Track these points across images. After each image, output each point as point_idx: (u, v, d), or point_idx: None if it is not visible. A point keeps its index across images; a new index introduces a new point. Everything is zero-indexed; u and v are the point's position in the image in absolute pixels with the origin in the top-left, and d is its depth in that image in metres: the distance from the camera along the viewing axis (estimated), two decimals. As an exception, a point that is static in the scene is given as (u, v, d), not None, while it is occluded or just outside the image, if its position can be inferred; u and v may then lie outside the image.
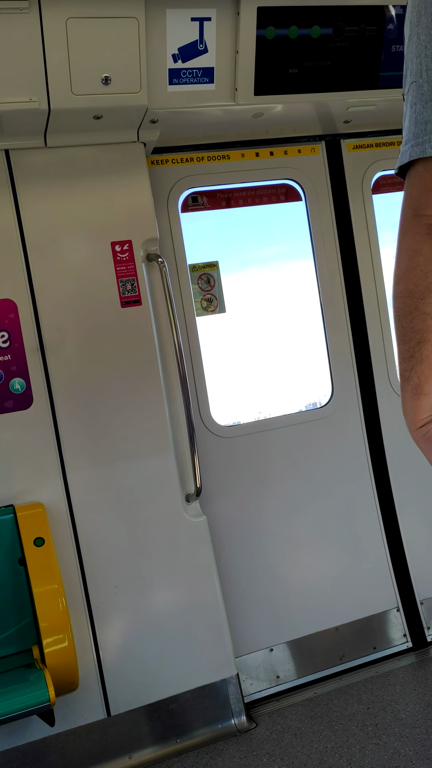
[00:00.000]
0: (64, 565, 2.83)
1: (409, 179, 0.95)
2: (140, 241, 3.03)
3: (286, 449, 3.48)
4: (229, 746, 2.93)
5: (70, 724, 2.85)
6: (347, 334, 3.58)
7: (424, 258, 0.94)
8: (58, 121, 2.74)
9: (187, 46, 2.74)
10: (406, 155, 0.94)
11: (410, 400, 1.02)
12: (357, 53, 2.96)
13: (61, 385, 2.92)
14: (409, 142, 0.94)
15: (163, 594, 3.05)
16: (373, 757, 2.68)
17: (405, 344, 0.99)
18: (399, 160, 0.96)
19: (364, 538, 3.56)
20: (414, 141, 0.93)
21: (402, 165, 0.96)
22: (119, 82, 2.65)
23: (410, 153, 0.93)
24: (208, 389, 3.34)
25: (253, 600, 3.35)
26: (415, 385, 1.00)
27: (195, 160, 3.36)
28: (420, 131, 0.92)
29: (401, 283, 0.97)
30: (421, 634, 3.55)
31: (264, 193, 3.58)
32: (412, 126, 0.94)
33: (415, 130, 0.93)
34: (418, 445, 1.07)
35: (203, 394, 3.33)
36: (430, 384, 0.99)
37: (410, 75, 0.95)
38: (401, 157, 0.95)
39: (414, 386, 1.00)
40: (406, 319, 0.98)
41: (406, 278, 0.97)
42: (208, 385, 3.34)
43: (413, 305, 0.96)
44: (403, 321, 0.98)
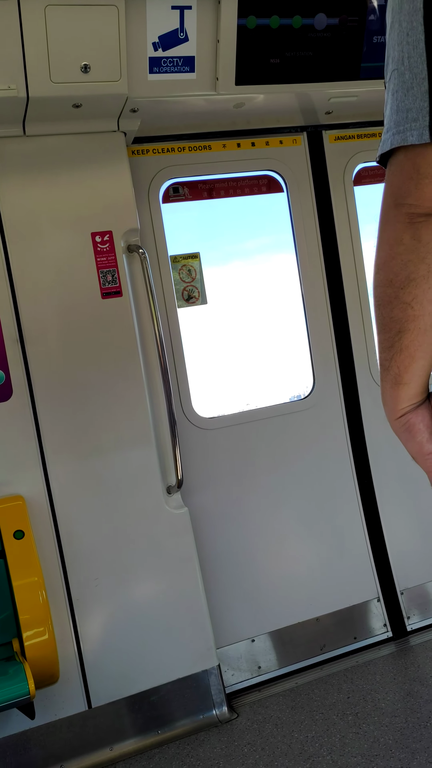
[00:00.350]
0: (44, 558, 2.81)
1: (390, 168, 0.94)
2: (121, 231, 3.01)
3: (268, 441, 3.48)
4: (211, 737, 2.94)
5: (51, 717, 2.84)
6: (328, 326, 3.58)
7: (404, 247, 0.93)
8: (36, 110, 2.70)
9: (167, 35, 2.72)
10: (387, 143, 0.93)
11: (390, 390, 1.02)
12: (338, 44, 2.95)
13: (41, 377, 2.90)
14: (391, 130, 0.93)
15: (145, 586, 3.05)
16: (353, 745, 2.71)
17: (385, 334, 0.99)
18: (380, 148, 0.95)
19: (345, 529, 3.57)
20: (395, 129, 0.92)
21: (383, 153, 0.95)
22: (99, 70, 2.62)
23: (391, 141, 0.92)
24: (190, 381, 3.33)
25: (234, 591, 3.35)
26: (395, 375, 1.00)
27: (176, 150, 3.33)
28: (401, 119, 0.91)
29: (381, 273, 0.97)
30: (401, 624, 3.58)
31: (246, 184, 3.57)
32: (394, 114, 0.93)
33: (397, 118, 0.92)
34: (397, 435, 1.08)
35: (184, 386, 3.32)
36: (410, 374, 0.99)
37: (392, 62, 0.95)
38: (382, 145, 0.95)
39: (394, 376, 1.00)
40: (386, 308, 0.97)
41: (386, 267, 0.96)
42: (189, 377, 3.34)
43: (393, 295, 0.96)
44: (383, 310, 0.98)
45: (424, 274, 0.93)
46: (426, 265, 0.92)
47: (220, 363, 3.73)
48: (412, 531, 3.69)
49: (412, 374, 1.00)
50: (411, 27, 0.90)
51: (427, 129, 0.88)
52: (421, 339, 0.97)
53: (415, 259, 0.93)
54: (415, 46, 0.90)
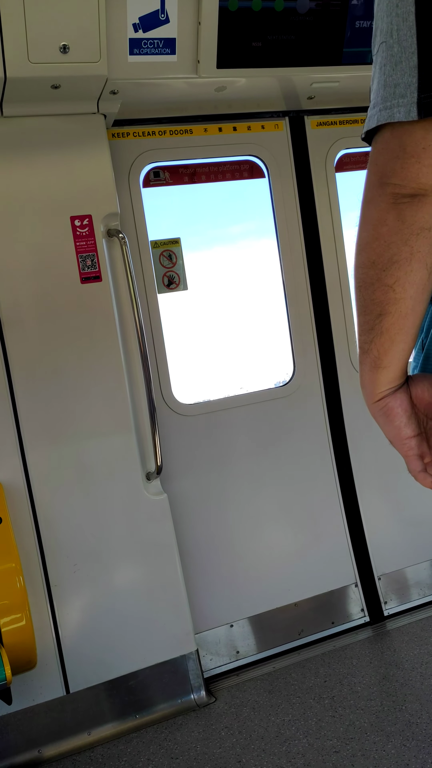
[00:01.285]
0: (22, 544, 2.80)
1: (375, 145, 0.91)
2: (100, 215, 2.97)
3: (247, 427, 3.48)
4: (189, 721, 2.96)
5: (29, 702, 2.84)
6: (309, 313, 3.58)
7: (387, 228, 0.91)
8: (14, 90, 2.66)
9: (148, 16, 2.68)
10: (373, 119, 0.90)
11: (369, 373, 1.01)
12: (321, 28, 2.93)
13: (19, 362, 2.87)
14: (377, 106, 0.90)
15: (123, 572, 3.05)
16: (329, 729, 2.74)
17: (365, 316, 0.97)
18: (366, 124, 0.92)
19: (324, 514, 3.60)
20: (382, 105, 0.89)
21: (369, 130, 0.92)
22: (78, 50, 2.58)
23: (378, 117, 0.89)
24: (170, 367, 3.32)
25: (213, 577, 3.37)
26: (374, 358, 0.99)
27: (157, 133, 3.30)
28: (389, 95, 0.88)
29: (363, 254, 0.95)
30: (379, 609, 3.62)
31: (227, 169, 3.54)
32: (381, 89, 0.90)
33: (384, 93, 0.89)
34: (375, 419, 1.07)
35: (164, 372, 3.31)
36: (390, 357, 0.98)
37: (380, 34, 0.91)
38: (368, 121, 0.92)
39: (373, 359, 0.99)
40: (368, 290, 0.95)
41: (368, 248, 0.94)
42: (169, 363, 3.32)
43: (375, 276, 0.94)
44: (364, 292, 0.96)
45: (407, 257, 0.91)
46: (409, 247, 0.91)
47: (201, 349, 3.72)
48: (390, 517, 3.73)
49: (392, 358, 0.99)
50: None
51: (414, 105, 0.85)
52: (401, 322, 0.96)
53: (399, 241, 0.91)
54: (405, 18, 0.86)
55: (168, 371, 3.32)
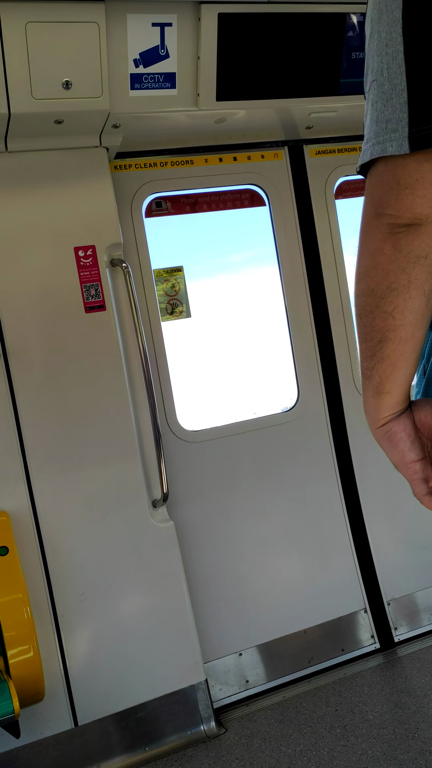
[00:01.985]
0: (29, 574, 2.79)
1: (370, 178, 0.95)
2: (104, 246, 3.01)
3: (253, 453, 3.48)
4: (199, 753, 2.91)
5: (37, 735, 2.81)
6: (312, 339, 3.60)
7: (385, 257, 0.94)
8: (18, 126, 2.71)
9: (148, 51, 2.74)
10: (367, 154, 0.94)
11: (372, 399, 1.03)
12: (318, 60, 2.99)
13: (24, 391, 2.89)
14: (371, 141, 0.94)
15: (131, 601, 3.03)
16: (342, 758, 2.70)
17: (366, 343, 1.00)
18: (360, 158, 0.96)
19: (331, 540, 3.58)
20: (375, 140, 0.93)
21: (364, 164, 0.96)
22: (80, 86, 2.64)
23: (371, 152, 0.93)
24: (174, 394, 3.34)
25: (221, 605, 3.34)
26: (376, 384, 1.01)
27: (158, 165, 3.36)
28: (381, 130, 0.92)
29: (362, 282, 0.98)
30: (389, 635, 3.58)
31: (228, 198, 3.60)
32: (374, 124, 0.94)
33: (376, 128, 0.93)
34: (379, 444, 1.09)
35: (169, 399, 3.32)
36: (392, 383, 1.00)
37: (371, 73, 0.95)
38: (362, 155, 0.95)
39: (376, 385, 1.01)
40: (368, 317, 0.98)
41: (367, 277, 0.97)
42: (173, 390, 3.34)
43: (374, 304, 0.97)
44: (364, 320, 0.99)
45: (405, 284, 0.94)
46: (406, 275, 0.94)
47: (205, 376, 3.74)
48: (398, 541, 3.70)
49: (394, 383, 1.01)
50: (390, 38, 0.91)
51: (406, 140, 0.89)
52: (402, 348, 0.98)
53: (396, 269, 0.94)
54: (394, 57, 0.90)
55: (173, 398, 3.33)
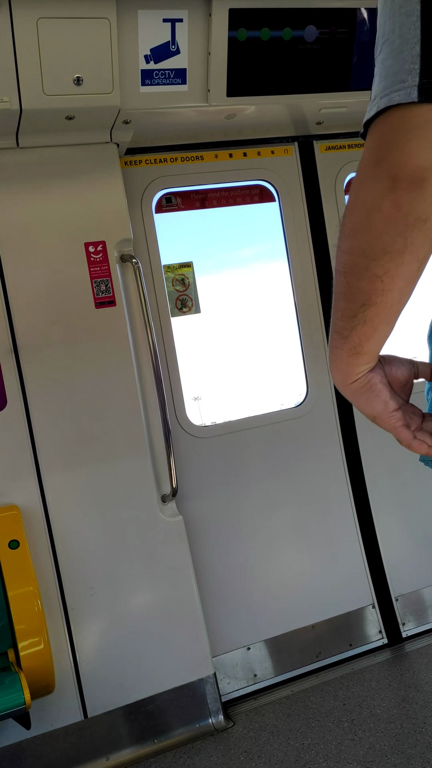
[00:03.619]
0: (39, 568, 2.82)
1: (372, 131, 0.87)
2: (114, 241, 3.02)
3: (262, 449, 3.49)
4: (207, 745, 2.93)
5: (47, 727, 2.84)
6: (321, 334, 3.60)
7: (382, 216, 0.86)
8: (30, 122, 2.72)
9: (159, 47, 2.75)
10: (373, 109, 0.87)
11: (347, 358, 1.00)
12: (328, 55, 2.99)
13: (35, 387, 2.91)
14: (377, 98, 0.87)
15: (140, 594, 3.05)
16: (349, 752, 2.71)
17: (348, 303, 0.94)
18: (365, 117, 0.89)
19: (340, 535, 3.58)
20: (382, 93, 0.86)
21: (367, 122, 0.88)
22: (91, 82, 2.65)
23: (378, 104, 0.86)
24: (183, 389, 3.35)
25: (230, 599, 3.36)
26: (354, 345, 0.98)
27: (169, 160, 3.36)
28: (389, 83, 0.85)
29: (352, 239, 0.90)
30: (396, 630, 3.59)
31: (238, 193, 3.60)
32: (382, 81, 0.87)
33: (384, 83, 0.86)
34: (354, 398, 1.06)
35: (178, 394, 3.33)
36: (371, 344, 0.97)
37: (382, 37, 0.89)
38: (367, 113, 0.88)
39: (353, 346, 0.98)
40: (353, 277, 0.92)
41: (359, 236, 0.89)
42: (183, 386, 3.35)
43: (363, 265, 0.90)
44: (349, 278, 0.92)
45: (400, 249, 0.87)
46: (403, 238, 0.86)
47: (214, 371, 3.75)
48: (406, 537, 3.71)
49: (373, 344, 0.98)
50: (404, 1, 0.85)
51: (415, 89, 0.82)
52: (386, 312, 0.93)
53: (393, 231, 0.86)
54: (409, 14, 0.84)
55: (182, 393, 3.34)
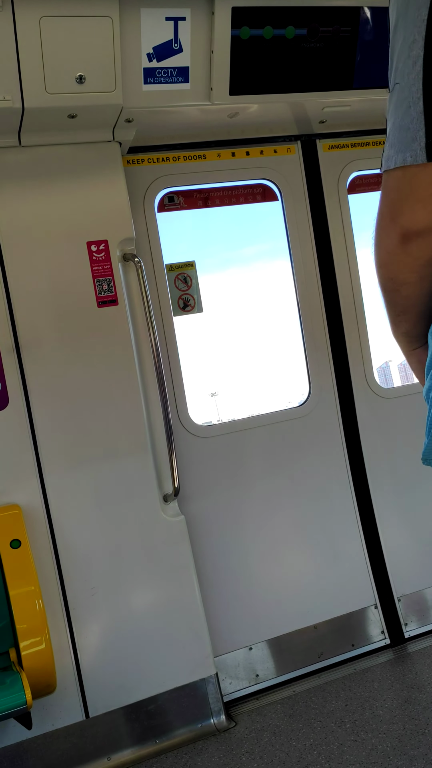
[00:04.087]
0: (41, 567, 2.81)
1: (388, 180, 1.02)
2: (116, 240, 3.02)
3: (264, 448, 3.48)
4: (209, 746, 2.93)
5: (48, 727, 2.83)
6: (324, 334, 3.59)
7: (397, 258, 1.07)
8: (32, 120, 2.72)
9: (161, 46, 2.74)
10: (391, 161, 1.00)
11: (403, 338, 1.26)
12: (332, 54, 2.98)
13: (37, 386, 2.91)
14: (394, 147, 0.99)
15: (142, 594, 3.04)
16: (352, 753, 2.70)
17: (391, 309, 1.19)
18: (384, 162, 1.02)
19: (342, 536, 3.57)
20: (398, 146, 0.99)
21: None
22: (94, 80, 2.64)
23: (395, 159, 0.99)
24: (186, 389, 3.34)
25: (231, 599, 3.35)
26: (405, 331, 1.23)
27: (171, 159, 3.35)
28: (402, 138, 0.98)
29: (382, 270, 1.12)
30: (399, 631, 3.58)
31: (241, 192, 3.59)
32: (396, 130, 0.99)
33: (399, 135, 0.98)
34: (412, 366, 1.30)
35: (180, 394, 3.32)
36: (417, 330, 1.21)
37: (395, 73, 0.99)
38: (386, 161, 1.02)
39: (404, 332, 1.23)
40: (389, 295, 1.15)
41: (385, 268, 1.11)
42: (185, 385, 3.34)
43: (393, 288, 1.13)
44: (386, 296, 1.17)
45: (416, 281, 1.09)
46: (417, 274, 1.08)
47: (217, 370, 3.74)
48: (409, 537, 3.70)
49: (418, 330, 1.21)
50: (413, 41, 0.93)
51: (423, 150, 0.94)
52: (418, 316, 1.17)
53: (407, 270, 1.08)
54: (415, 62, 0.93)
55: (184, 393, 3.33)
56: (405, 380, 14.59)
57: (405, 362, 1.33)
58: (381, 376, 3.79)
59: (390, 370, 13.57)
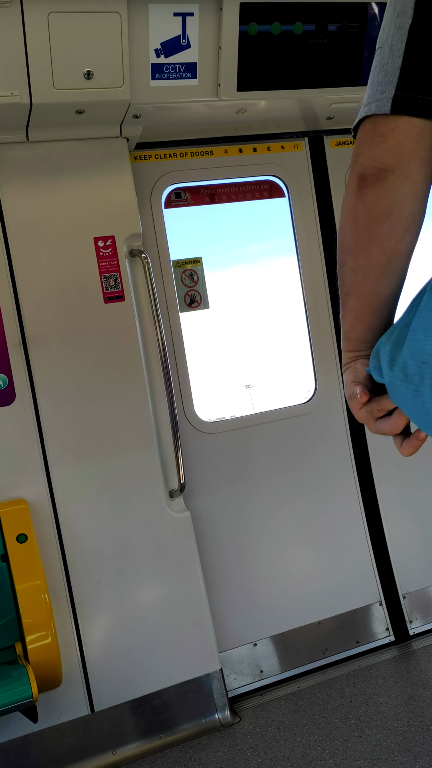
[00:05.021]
0: (47, 562, 2.82)
1: (356, 138, 1.02)
2: (123, 236, 3.02)
3: (270, 445, 3.49)
4: (213, 741, 2.94)
5: (54, 721, 2.84)
6: (330, 331, 3.59)
7: (353, 213, 0.99)
8: (40, 116, 2.72)
9: (169, 42, 2.74)
10: (357, 118, 1.01)
11: (342, 343, 1.13)
12: (340, 50, 2.97)
13: (44, 381, 2.91)
14: (363, 103, 1.00)
15: (147, 589, 3.05)
16: (356, 749, 2.71)
17: (340, 294, 1.08)
18: (354, 123, 1.03)
19: (347, 532, 3.58)
20: (366, 101, 0.99)
21: (356, 127, 1.02)
22: (101, 76, 2.64)
23: (360, 113, 1.00)
24: (192, 385, 3.34)
25: (236, 595, 3.36)
26: (344, 331, 1.10)
27: (178, 155, 3.35)
28: (373, 92, 0.98)
29: (339, 238, 1.04)
30: (404, 628, 3.58)
31: (247, 189, 3.59)
32: (369, 88, 1.00)
33: (370, 92, 0.99)
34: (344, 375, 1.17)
35: (187, 390, 3.33)
36: (354, 333, 1.08)
37: (378, 42, 1.01)
38: (355, 122, 1.02)
39: (344, 331, 1.10)
40: (340, 270, 1.05)
41: (340, 233, 1.03)
42: (191, 381, 3.35)
43: (343, 260, 1.03)
44: (339, 273, 1.06)
45: (367, 243, 0.99)
46: (369, 232, 0.98)
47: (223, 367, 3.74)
48: (414, 534, 3.70)
49: (356, 333, 1.08)
50: (403, 11, 0.96)
51: (389, 101, 0.94)
52: (364, 302, 1.04)
53: (361, 226, 0.99)
54: (400, 27, 0.96)
55: (190, 389, 3.34)
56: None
57: None
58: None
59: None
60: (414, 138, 0.94)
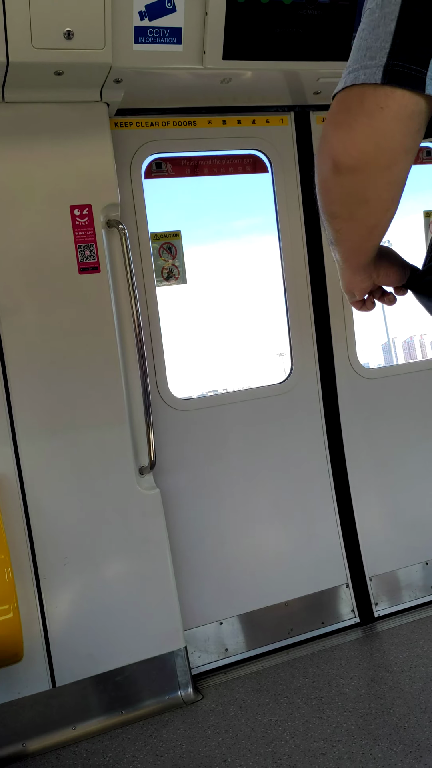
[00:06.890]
0: (12, 536, 2.77)
1: (334, 103, 0.96)
2: (101, 206, 2.94)
3: (243, 424, 3.46)
4: (175, 718, 2.93)
5: (14, 695, 2.82)
6: (308, 310, 3.55)
7: (329, 191, 0.98)
8: (17, 75, 2.62)
9: (154, 4, 2.64)
10: (340, 84, 0.91)
11: (338, 269, 1.29)
12: (329, 22, 2.89)
13: (14, 351, 2.84)
14: (348, 68, 0.90)
15: (114, 566, 3.02)
16: (317, 730, 2.72)
17: (328, 233, 1.13)
18: (336, 88, 0.94)
19: (317, 514, 3.57)
20: (351, 67, 0.89)
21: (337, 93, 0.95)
22: (82, 37, 2.54)
23: (345, 80, 0.90)
24: (166, 361, 3.29)
25: (204, 574, 3.34)
26: (337, 260, 1.24)
27: (160, 124, 3.26)
28: (360, 57, 0.88)
29: (318, 195, 1.03)
30: (369, 610, 3.60)
31: (230, 162, 3.51)
32: (355, 52, 0.90)
33: (356, 56, 0.89)
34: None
35: (161, 366, 3.27)
36: (349, 263, 1.24)
37: (366, 4, 0.93)
38: (338, 86, 0.93)
39: (337, 260, 1.25)
40: (324, 218, 1.08)
41: (320, 195, 1.02)
42: (166, 357, 3.29)
43: (325, 220, 1.06)
44: (322, 217, 1.08)
45: (346, 216, 1.00)
46: (348, 209, 0.98)
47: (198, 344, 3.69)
48: (384, 518, 3.71)
49: (351, 263, 1.22)
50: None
51: (380, 69, 0.85)
52: (350, 251, 1.15)
53: (339, 202, 0.98)
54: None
55: (164, 365, 3.28)
56: (408, 357, 14.34)
57: (409, 339, 1.29)
58: (405, 350, 3.77)
59: (413, 344, 13.11)
60: (403, 121, 0.85)
